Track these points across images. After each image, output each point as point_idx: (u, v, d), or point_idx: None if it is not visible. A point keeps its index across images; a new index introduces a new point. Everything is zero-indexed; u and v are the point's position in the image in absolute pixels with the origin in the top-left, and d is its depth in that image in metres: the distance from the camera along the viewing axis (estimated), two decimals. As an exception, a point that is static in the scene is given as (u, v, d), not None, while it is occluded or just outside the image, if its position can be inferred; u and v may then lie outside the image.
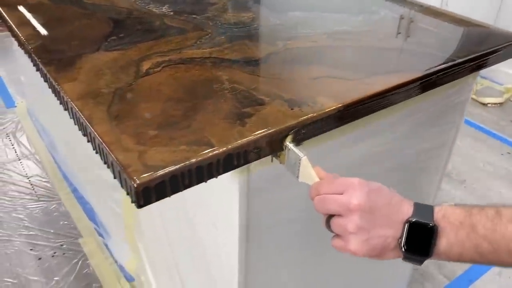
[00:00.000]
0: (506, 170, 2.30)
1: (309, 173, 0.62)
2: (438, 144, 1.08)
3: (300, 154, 0.62)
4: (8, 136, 2.40)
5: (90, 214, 1.88)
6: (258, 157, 0.64)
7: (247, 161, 0.63)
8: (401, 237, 0.56)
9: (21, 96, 2.68)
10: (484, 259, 0.55)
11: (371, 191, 0.57)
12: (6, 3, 1.06)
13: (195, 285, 1.07)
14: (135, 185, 0.54)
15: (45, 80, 0.81)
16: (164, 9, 1.06)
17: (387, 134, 0.90)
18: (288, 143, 0.64)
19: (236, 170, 0.64)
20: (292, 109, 0.69)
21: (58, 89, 0.73)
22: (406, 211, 0.57)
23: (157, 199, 0.57)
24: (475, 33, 1.02)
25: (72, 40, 0.89)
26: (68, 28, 0.95)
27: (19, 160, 2.22)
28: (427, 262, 0.58)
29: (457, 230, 0.56)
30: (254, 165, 0.68)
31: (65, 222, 1.87)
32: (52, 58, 0.82)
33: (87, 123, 0.64)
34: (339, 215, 0.57)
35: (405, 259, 0.58)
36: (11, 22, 0.97)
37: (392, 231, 0.57)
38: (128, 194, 0.57)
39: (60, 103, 0.76)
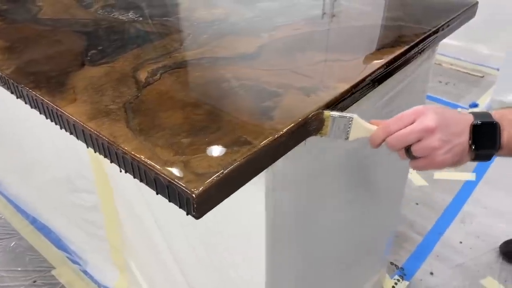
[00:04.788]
0: (446, 127, 2.49)
1: (363, 127, 0.68)
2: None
3: (351, 115, 0.66)
4: None
5: (57, 243, 1.77)
6: (294, 145, 0.65)
7: (285, 151, 0.63)
8: (470, 139, 0.64)
9: None
10: None
11: (436, 109, 0.64)
12: (-48, 29, 0.95)
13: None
14: (194, 196, 0.52)
15: (34, 106, 0.75)
16: (131, 15, 1.01)
17: (379, 110, 0.94)
18: (331, 114, 0.66)
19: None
20: (308, 96, 0.70)
21: (61, 114, 0.68)
22: (468, 117, 0.65)
23: (212, 207, 0.56)
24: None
25: (50, 59, 0.83)
26: (38, 47, 0.88)
27: (-39, 200, 2.03)
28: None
29: None
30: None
31: (32, 257, 1.74)
32: (37, 82, 0.76)
33: (112, 143, 0.61)
34: (419, 141, 0.64)
35: (476, 158, 0.66)
36: (-33, 50, 0.88)
37: (465, 136, 0.64)
38: (181, 207, 0.56)
39: (62, 128, 0.71)
